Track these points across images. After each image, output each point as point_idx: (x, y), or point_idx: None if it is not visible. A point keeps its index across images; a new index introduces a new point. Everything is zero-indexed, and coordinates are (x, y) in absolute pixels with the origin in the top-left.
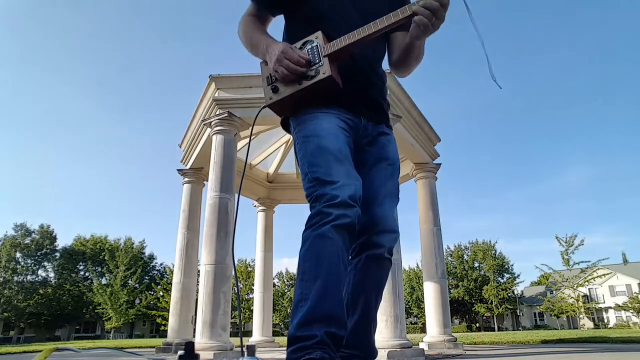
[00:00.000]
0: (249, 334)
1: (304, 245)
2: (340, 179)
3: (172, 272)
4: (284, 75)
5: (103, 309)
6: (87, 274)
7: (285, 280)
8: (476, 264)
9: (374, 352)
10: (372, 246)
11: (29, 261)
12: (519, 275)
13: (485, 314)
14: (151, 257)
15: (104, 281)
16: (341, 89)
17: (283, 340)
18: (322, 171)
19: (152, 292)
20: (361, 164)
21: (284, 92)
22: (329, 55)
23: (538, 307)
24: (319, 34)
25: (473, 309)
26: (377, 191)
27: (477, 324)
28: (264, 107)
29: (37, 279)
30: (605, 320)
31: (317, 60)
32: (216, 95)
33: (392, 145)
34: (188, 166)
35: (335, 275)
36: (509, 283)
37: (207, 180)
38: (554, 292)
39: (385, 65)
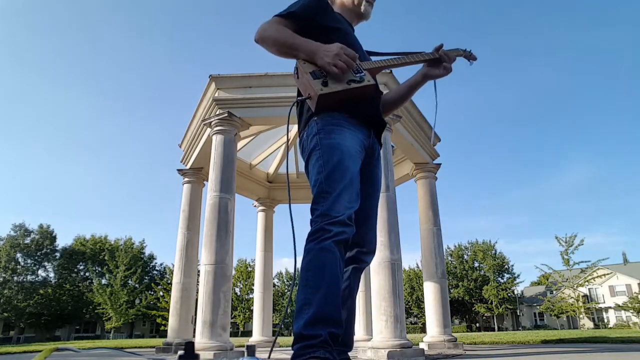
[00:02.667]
0: (249, 334)
1: (307, 256)
2: (346, 203)
3: (172, 272)
4: (342, 68)
5: (103, 309)
6: (87, 274)
7: (285, 280)
8: (476, 264)
9: (352, 344)
10: (360, 262)
11: (28, 261)
12: (519, 275)
13: (485, 314)
14: (151, 257)
15: (104, 281)
16: (371, 102)
17: (283, 340)
18: (336, 189)
19: (152, 292)
20: (364, 180)
21: (334, 87)
22: (368, 70)
23: (538, 307)
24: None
25: (473, 309)
26: (369, 214)
27: (477, 324)
28: (306, 97)
29: (37, 279)
30: (605, 320)
31: (361, 71)
32: (216, 95)
33: (381, 172)
34: (188, 166)
35: (336, 283)
36: (509, 283)
37: (207, 180)
38: (554, 292)
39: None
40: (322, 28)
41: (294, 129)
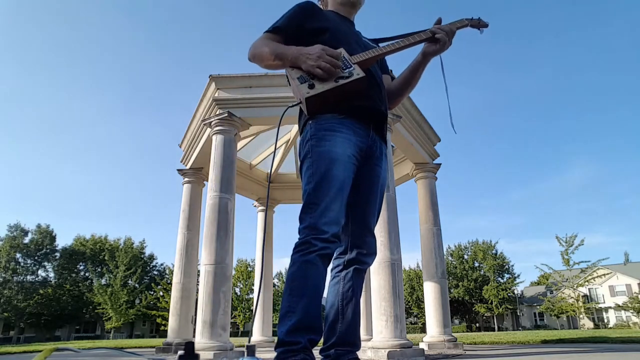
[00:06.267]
0: (249, 333)
1: (292, 266)
2: (333, 216)
3: (172, 272)
4: (326, 69)
5: (103, 309)
6: (87, 274)
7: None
8: (476, 264)
9: (359, 343)
10: (360, 263)
11: (28, 261)
12: (519, 275)
13: (485, 314)
14: (151, 257)
15: (104, 281)
16: (366, 94)
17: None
18: (324, 200)
19: (152, 292)
20: (362, 183)
21: (321, 87)
22: (358, 63)
23: (538, 307)
24: (342, 49)
25: (473, 309)
26: (370, 217)
27: (477, 324)
28: (296, 104)
29: (37, 279)
30: (605, 320)
31: (349, 66)
32: (216, 95)
33: (385, 171)
34: (188, 166)
35: (318, 294)
36: (509, 283)
37: (207, 180)
38: (554, 292)
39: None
40: (311, 32)
41: (293, 129)
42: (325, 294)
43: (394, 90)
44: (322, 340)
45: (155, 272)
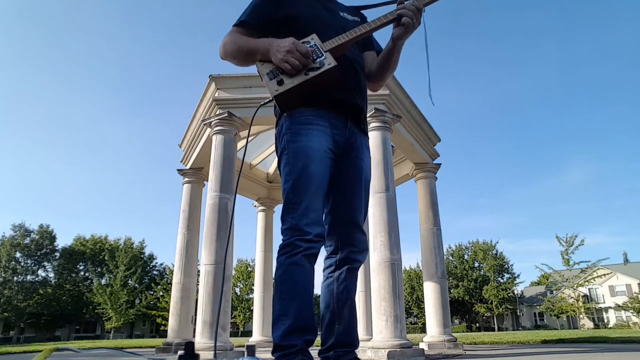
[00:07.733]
0: (249, 334)
1: (279, 269)
2: (314, 215)
3: (172, 272)
4: (294, 65)
5: (103, 309)
6: (87, 274)
7: None
8: (476, 264)
9: (357, 342)
10: (352, 262)
11: (28, 261)
12: (519, 275)
13: (485, 314)
14: (151, 257)
15: (103, 281)
16: (340, 83)
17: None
18: (304, 200)
19: (152, 292)
20: (344, 178)
21: (290, 83)
22: (330, 51)
23: (538, 307)
24: (314, 35)
25: (473, 309)
26: (357, 212)
27: (477, 324)
28: (267, 102)
29: (37, 279)
30: (605, 320)
31: (320, 55)
32: (216, 95)
33: (367, 165)
34: (188, 166)
35: (309, 295)
36: (509, 283)
37: (207, 180)
38: (554, 292)
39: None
40: (282, 21)
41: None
42: (318, 293)
43: (375, 72)
44: (320, 341)
45: (155, 272)
